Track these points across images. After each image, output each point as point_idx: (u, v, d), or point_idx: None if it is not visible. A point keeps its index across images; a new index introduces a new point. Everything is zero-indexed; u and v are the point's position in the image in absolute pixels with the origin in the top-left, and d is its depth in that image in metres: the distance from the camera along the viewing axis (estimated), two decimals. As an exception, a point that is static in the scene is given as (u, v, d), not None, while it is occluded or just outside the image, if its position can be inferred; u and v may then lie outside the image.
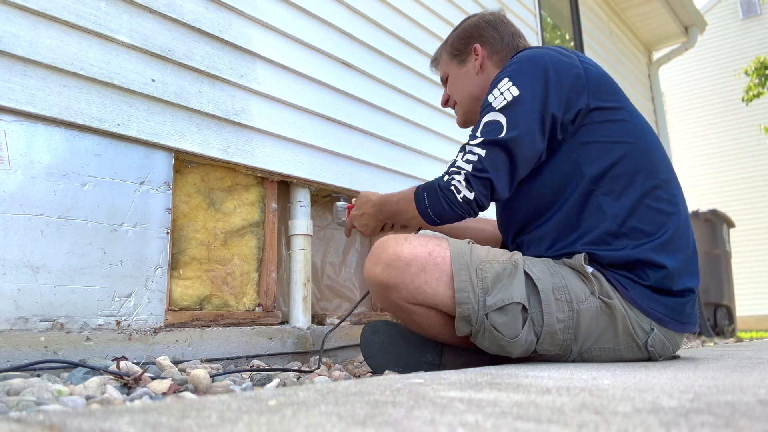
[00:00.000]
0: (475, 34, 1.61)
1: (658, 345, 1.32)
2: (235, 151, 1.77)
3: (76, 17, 1.42)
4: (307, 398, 0.66)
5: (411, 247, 1.30)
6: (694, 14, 5.81)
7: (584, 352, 1.31)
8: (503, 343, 1.26)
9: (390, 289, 1.31)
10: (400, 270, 1.29)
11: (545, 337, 1.27)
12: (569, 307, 1.27)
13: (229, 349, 1.64)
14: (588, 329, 1.28)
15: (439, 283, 1.28)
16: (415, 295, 1.29)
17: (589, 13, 4.91)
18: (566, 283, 1.28)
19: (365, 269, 1.36)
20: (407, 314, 1.35)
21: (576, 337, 1.28)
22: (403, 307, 1.33)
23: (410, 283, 1.29)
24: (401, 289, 1.30)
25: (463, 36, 1.62)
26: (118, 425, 0.48)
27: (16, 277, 1.28)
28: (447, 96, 1.70)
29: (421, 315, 1.33)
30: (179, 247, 1.67)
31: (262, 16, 1.90)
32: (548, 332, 1.26)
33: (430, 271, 1.28)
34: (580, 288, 1.28)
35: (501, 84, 1.35)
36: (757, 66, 8.86)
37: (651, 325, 1.31)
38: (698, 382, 0.82)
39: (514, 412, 0.57)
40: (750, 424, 0.49)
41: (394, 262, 1.29)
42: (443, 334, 1.37)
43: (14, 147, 1.31)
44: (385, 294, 1.33)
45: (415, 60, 2.60)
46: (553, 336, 1.27)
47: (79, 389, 0.96)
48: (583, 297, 1.28)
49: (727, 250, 5.71)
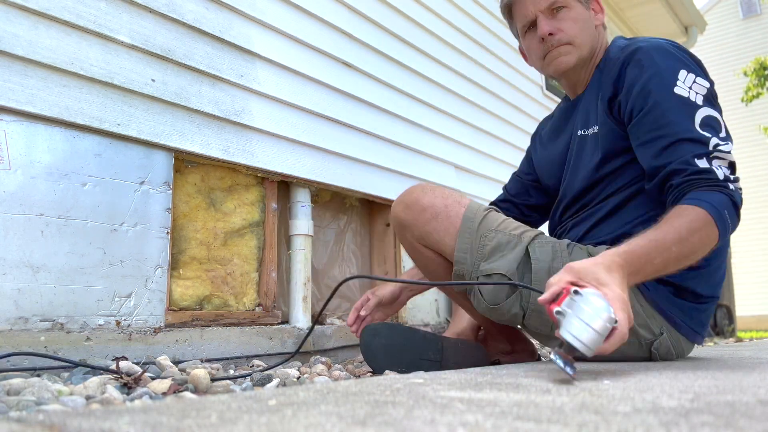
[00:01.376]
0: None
1: (663, 350, 1.31)
2: (235, 151, 1.77)
3: (76, 17, 1.42)
4: (307, 398, 0.66)
5: (432, 196, 1.41)
6: (694, 14, 5.81)
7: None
8: (483, 307, 1.34)
9: (405, 227, 1.44)
10: (416, 213, 1.41)
11: (531, 314, 1.31)
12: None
13: (229, 349, 1.64)
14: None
15: (446, 234, 1.38)
16: (425, 238, 1.42)
17: (589, 13, 4.91)
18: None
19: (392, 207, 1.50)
20: (418, 254, 1.47)
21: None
22: (414, 246, 1.46)
23: (422, 226, 1.40)
24: (413, 230, 1.42)
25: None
26: (118, 425, 0.48)
27: (16, 277, 1.28)
28: (557, 29, 1.40)
29: (428, 257, 1.45)
30: (179, 247, 1.67)
31: (262, 16, 1.90)
32: (534, 310, 1.29)
33: (440, 221, 1.38)
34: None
35: (681, 75, 1.23)
36: (756, 67, 8.86)
37: (661, 329, 1.28)
38: (698, 382, 0.82)
39: (514, 412, 0.57)
40: (750, 424, 0.49)
41: (412, 205, 1.42)
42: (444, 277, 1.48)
43: (14, 147, 1.31)
44: (401, 232, 1.47)
45: (415, 60, 2.60)
46: (540, 315, 1.29)
47: (79, 389, 0.96)
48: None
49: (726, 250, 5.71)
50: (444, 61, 2.80)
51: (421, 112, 2.59)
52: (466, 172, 2.84)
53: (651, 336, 1.29)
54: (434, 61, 2.73)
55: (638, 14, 5.67)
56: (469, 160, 2.87)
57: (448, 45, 2.86)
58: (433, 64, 2.73)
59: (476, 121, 2.99)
